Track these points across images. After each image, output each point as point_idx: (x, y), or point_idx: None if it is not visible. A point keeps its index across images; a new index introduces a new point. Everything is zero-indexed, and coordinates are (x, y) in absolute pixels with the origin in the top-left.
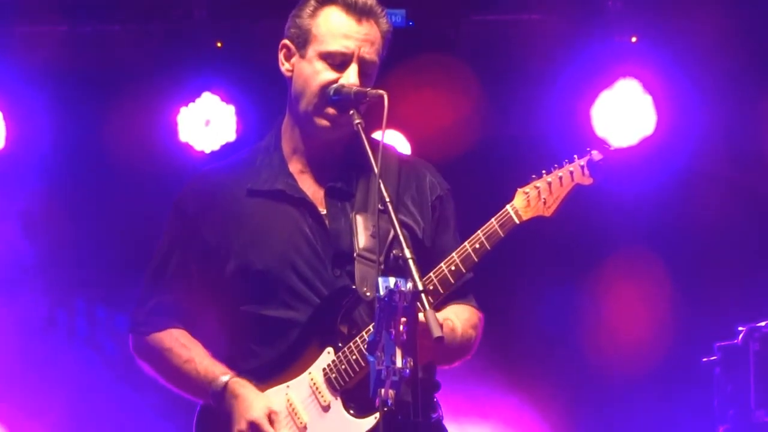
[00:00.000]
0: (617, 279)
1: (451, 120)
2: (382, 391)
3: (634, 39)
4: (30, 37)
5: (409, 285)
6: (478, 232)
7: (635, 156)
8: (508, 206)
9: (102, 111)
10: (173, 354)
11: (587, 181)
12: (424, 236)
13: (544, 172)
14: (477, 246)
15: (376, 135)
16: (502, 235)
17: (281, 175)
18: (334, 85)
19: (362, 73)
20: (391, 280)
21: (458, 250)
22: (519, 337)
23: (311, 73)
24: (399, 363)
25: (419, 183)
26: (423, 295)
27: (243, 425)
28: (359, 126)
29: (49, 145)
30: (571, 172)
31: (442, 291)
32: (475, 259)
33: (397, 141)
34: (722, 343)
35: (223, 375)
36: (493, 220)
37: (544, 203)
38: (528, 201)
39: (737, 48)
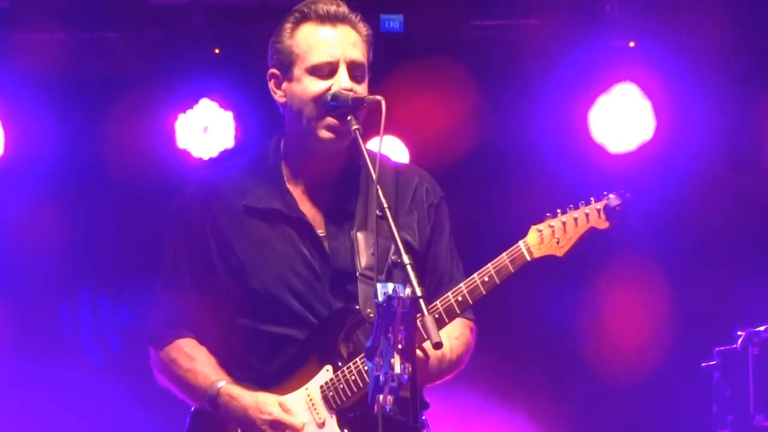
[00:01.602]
0: (616, 284)
1: (450, 125)
2: (381, 397)
3: (632, 44)
4: (28, 43)
5: (408, 291)
6: (489, 265)
7: (634, 161)
8: (520, 242)
9: (100, 117)
10: (177, 365)
11: (603, 225)
12: (420, 245)
13: (559, 211)
14: (486, 279)
15: (374, 141)
16: (513, 271)
17: (279, 194)
18: (331, 92)
19: (352, 76)
20: (390, 286)
21: (467, 281)
22: (517, 341)
23: (302, 89)
24: (397, 369)
25: (414, 191)
26: (421, 300)
27: (264, 426)
28: (357, 132)
29: (48, 151)
30: (587, 215)
31: (447, 320)
32: (483, 292)
33: (395, 146)
34: (721, 348)
35: (219, 381)
36: (504, 254)
37: (557, 243)
38: (541, 239)
39: (736, 52)
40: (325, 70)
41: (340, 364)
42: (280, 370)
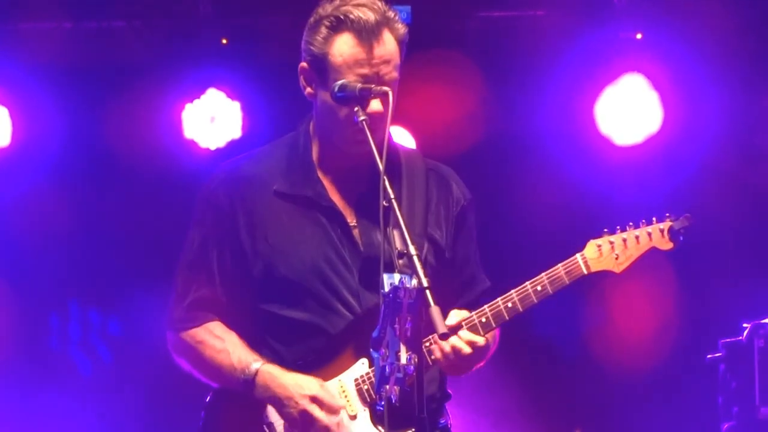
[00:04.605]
0: (622, 276)
1: (457, 116)
2: (387, 387)
3: (639, 36)
4: (35, 33)
5: (414, 282)
6: (542, 274)
7: (641, 154)
8: (578, 255)
9: (107, 107)
10: (206, 346)
11: (667, 246)
12: (446, 247)
13: (618, 228)
14: (539, 288)
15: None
16: (567, 283)
17: (310, 181)
18: (339, 82)
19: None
20: (396, 277)
21: (518, 288)
22: (523, 334)
23: (333, 106)
24: (403, 360)
25: (445, 193)
26: (428, 291)
27: (303, 402)
28: (364, 123)
29: (54, 143)
30: (650, 234)
31: (494, 325)
32: (535, 301)
33: (402, 137)
34: (727, 340)
35: (255, 362)
36: (560, 266)
37: (616, 259)
38: (600, 253)
39: (744, 43)
40: None
41: None
42: (312, 358)
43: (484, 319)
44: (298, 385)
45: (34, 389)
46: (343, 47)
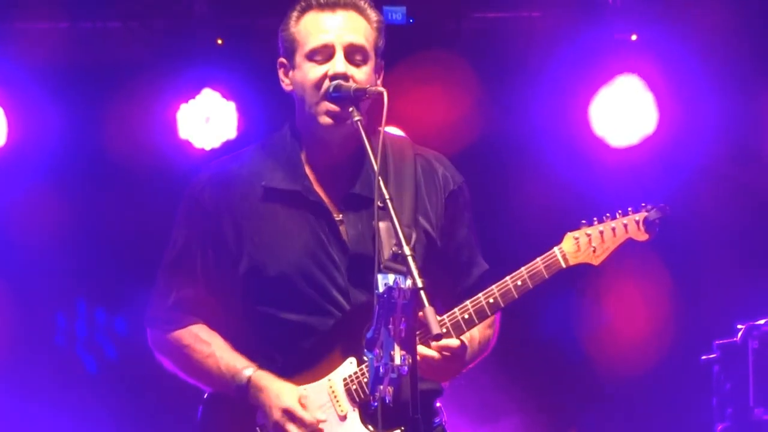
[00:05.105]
0: (617, 277)
1: (451, 117)
2: (381, 387)
3: (634, 37)
4: (31, 33)
5: (409, 282)
6: (522, 269)
7: (636, 155)
8: (555, 249)
9: (102, 108)
10: (193, 350)
11: (642, 237)
12: (438, 235)
13: (595, 219)
14: (519, 283)
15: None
16: (546, 277)
17: (298, 176)
18: (334, 82)
19: (350, 60)
20: (390, 277)
21: (499, 284)
22: (519, 334)
23: (302, 75)
24: (397, 360)
25: (434, 180)
26: (422, 291)
27: (277, 414)
28: (359, 123)
29: (50, 142)
30: (625, 225)
31: (477, 321)
32: (516, 296)
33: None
34: (721, 341)
35: (246, 369)
36: (538, 259)
37: (594, 251)
38: (578, 246)
39: (740, 44)
40: (322, 55)
41: (365, 357)
42: (301, 358)
43: (466, 316)
44: (276, 396)
45: (40, 387)
46: (308, 20)
